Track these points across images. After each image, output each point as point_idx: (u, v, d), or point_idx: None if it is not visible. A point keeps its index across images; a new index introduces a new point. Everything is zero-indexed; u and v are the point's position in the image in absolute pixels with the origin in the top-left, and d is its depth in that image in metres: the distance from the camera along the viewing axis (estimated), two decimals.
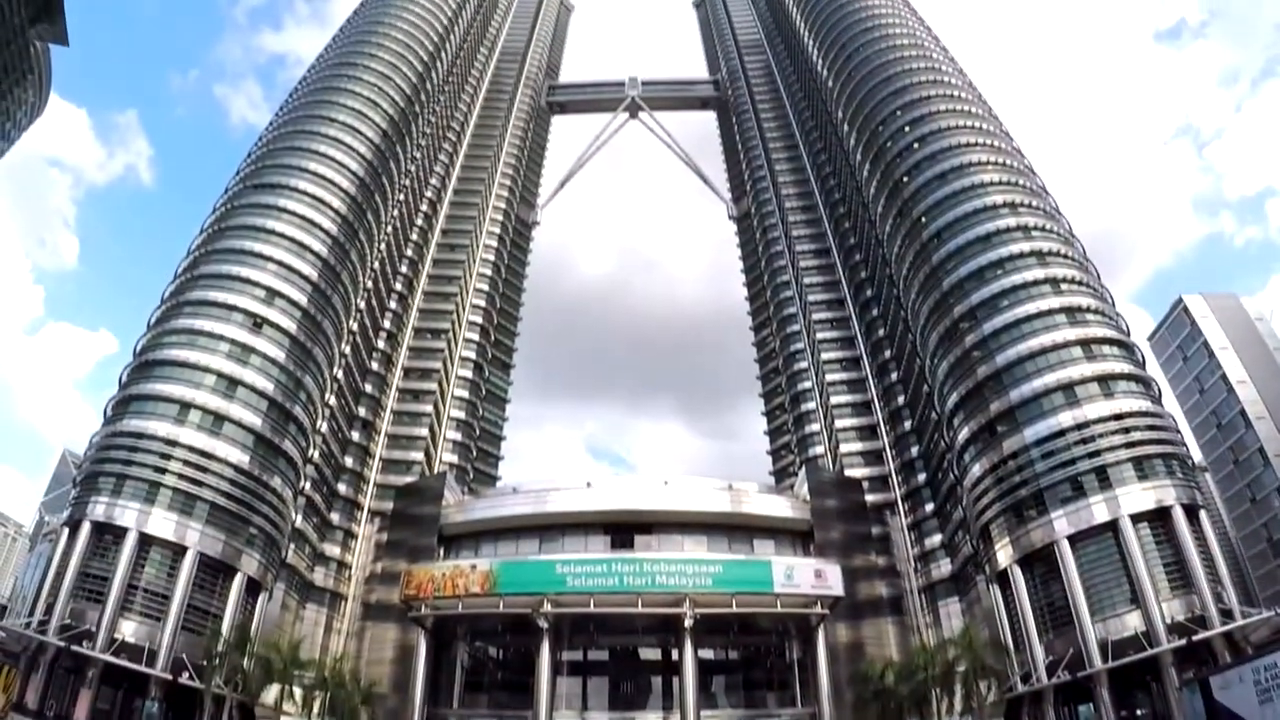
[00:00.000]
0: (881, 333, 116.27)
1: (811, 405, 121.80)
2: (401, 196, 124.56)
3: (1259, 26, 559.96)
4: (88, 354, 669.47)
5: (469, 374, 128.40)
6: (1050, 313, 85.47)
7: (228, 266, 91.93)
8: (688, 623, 78.18)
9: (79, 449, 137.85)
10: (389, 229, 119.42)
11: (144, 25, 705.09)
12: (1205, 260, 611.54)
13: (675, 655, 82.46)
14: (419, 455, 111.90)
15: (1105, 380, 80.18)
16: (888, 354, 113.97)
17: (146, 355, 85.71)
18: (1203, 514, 74.39)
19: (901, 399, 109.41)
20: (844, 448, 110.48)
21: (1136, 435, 76.40)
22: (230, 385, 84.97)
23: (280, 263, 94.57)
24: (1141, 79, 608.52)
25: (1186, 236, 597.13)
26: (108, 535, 74.78)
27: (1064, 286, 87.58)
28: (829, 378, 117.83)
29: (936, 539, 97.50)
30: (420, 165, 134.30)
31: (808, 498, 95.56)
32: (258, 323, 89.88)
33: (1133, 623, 68.88)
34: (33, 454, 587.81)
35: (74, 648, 67.00)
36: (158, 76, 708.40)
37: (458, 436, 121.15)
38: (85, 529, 74.19)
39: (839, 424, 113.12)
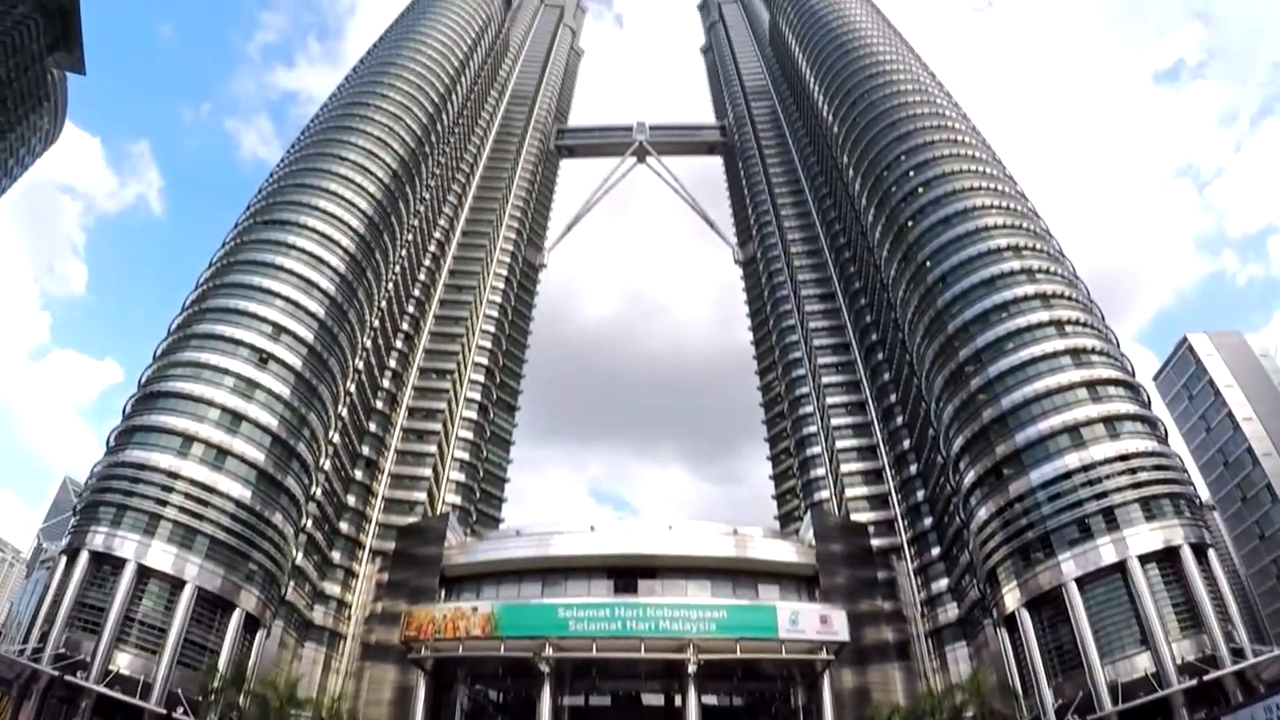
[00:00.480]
0: (887, 376, 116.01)
1: (816, 449, 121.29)
2: (410, 236, 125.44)
3: (1257, 65, 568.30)
4: (92, 382, 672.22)
5: (473, 415, 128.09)
6: (1055, 355, 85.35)
7: (235, 301, 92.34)
8: (691, 668, 77.72)
9: (80, 476, 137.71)
10: (396, 268, 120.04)
11: (159, 57, 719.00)
12: (1208, 298, 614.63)
13: (679, 701, 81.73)
14: (422, 495, 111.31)
15: (1111, 421, 79.82)
16: (893, 398, 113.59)
17: (151, 387, 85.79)
18: (1211, 552, 73.73)
19: (907, 443, 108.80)
20: (849, 492, 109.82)
21: (1143, 475, 75.85)
22: (234, 420, 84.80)
23: (288, 299, 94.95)
24: (1142, 121, 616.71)
25: (1189, 275, 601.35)
26: (106, 565, 74.14)
27: (1068, 328, 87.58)
28: (834, 422, 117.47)
29: (943, 583, 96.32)
30: (429, 205, 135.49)
31: (813, 542, 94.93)
32: (264, 358, 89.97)
33: (1143, 664, 67.88)
34: (33, 479, 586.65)
35: (68, 677, 65.98)
36: (171, 108, 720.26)
37: (461, 477, 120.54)
38: (83, 558, 73.56)
39: (844, 468, 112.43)
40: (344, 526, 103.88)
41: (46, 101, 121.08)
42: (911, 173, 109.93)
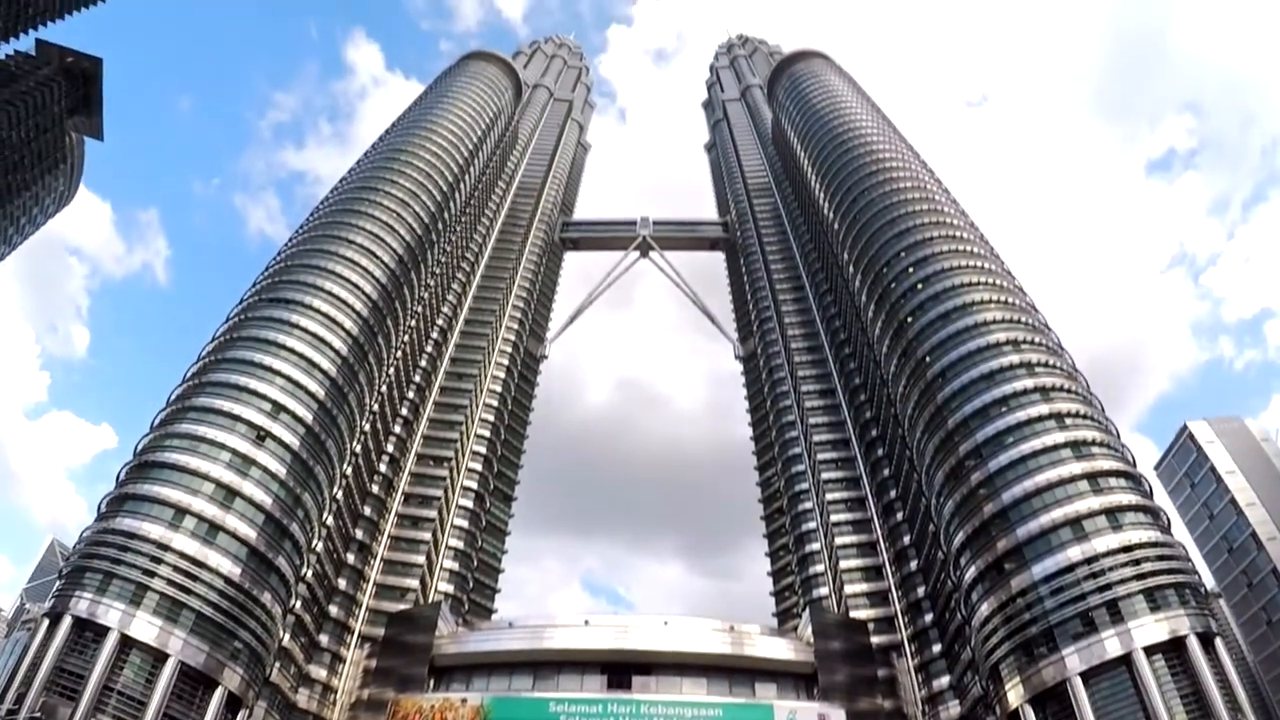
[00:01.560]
0: (887, 472, 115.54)
1: (816, 546, 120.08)
2: (413, 322, 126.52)
3: (1248, 152, 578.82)
4: (87, 446, 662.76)
5: (470, 504, 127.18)
6: (1055, 448, 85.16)
7: (236, 376, 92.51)
8: None
9: (65, 539, 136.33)
10: (399, 354, 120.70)
11: (175, 129, 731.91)
12: (1207, 385, 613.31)
13: None
14: (414, 582, 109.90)
15: (1113, 513, 79.36)
16: (893, 493, 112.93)
17: (146, 456, 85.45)
18: (1218, 641, 72.47)
19: (907, 539, 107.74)
20: (849, 588, 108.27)
21: (1147, 566, 75.15)
22: (228, 495, 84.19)
23: (289, 378, 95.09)
24: (1135, 211, 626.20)
25: (1187, 362, 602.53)
26: (88, 632, 72.83)
27: (1068, 421, 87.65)
28: (834, 518, 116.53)
29: (945, 680, 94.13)
30: (433, 292, 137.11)
31: (811, 639, 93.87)
32: (261, 435, 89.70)
33: None
34: (21, 538, 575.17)
35: None
36: (182, 179, 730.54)
37: (455, 566, 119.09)
38: (66, 623, 72.35)
39: (844, 564, 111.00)
40: (333, 610, 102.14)
41: (63, 163, 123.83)
42: (911, 269, 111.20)
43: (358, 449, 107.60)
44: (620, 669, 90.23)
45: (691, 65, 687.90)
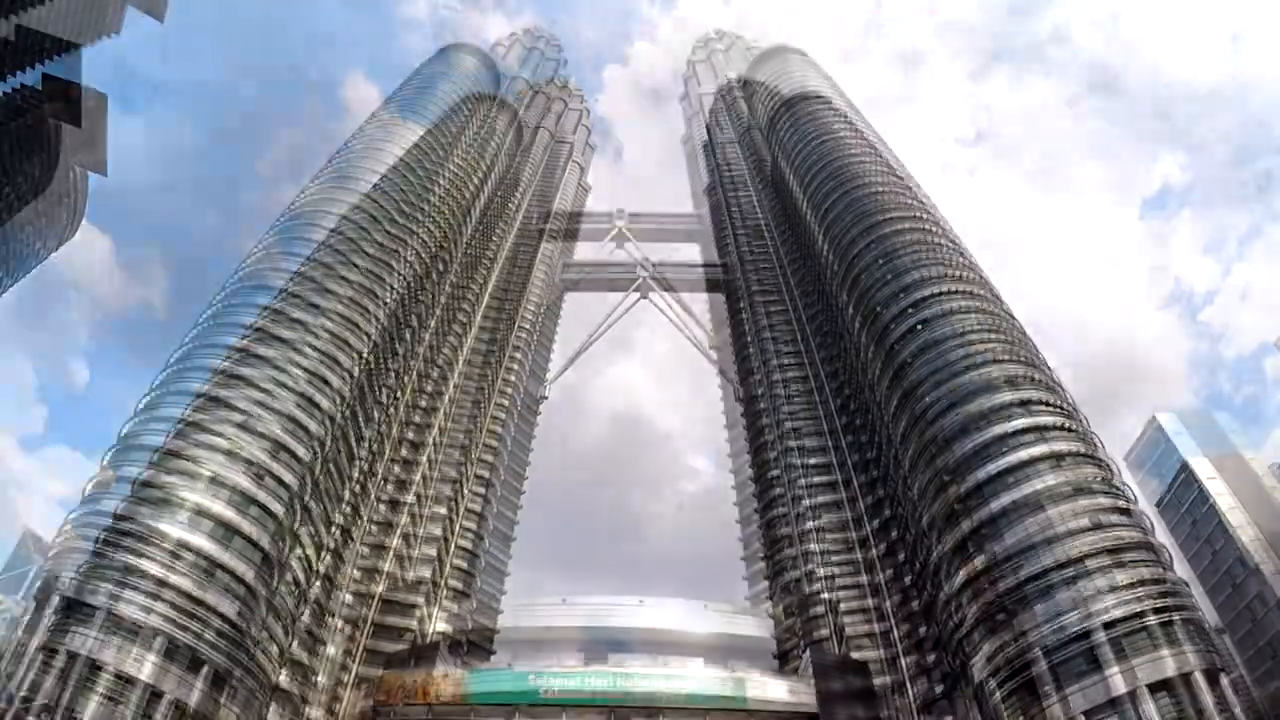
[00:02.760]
0: (888, 513, 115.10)
1: (816, 587, 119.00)
2: (414, 362, 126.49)
3: (1242, 189, 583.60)
4: (82, 479, 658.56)
5: (469, 545, 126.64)
6: (1055, 488, 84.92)
7: (236, 415, 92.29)
8: None
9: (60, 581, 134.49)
10: (399, 394, 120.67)
11: (178, 164, 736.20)
12: (1206, 421, 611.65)
13: None
14: (413, 623, 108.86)
15: (1114, 552, 79.15)
16: (894, 534, 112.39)
17: (145, 492, 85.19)
18: (1224, 677, 72.26)
19: (909, 579, 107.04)
20: (850, 629, 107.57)
21: (1150, 604, 74.78)
22: (227, 533, 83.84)
23: (290, 417, 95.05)
24: (1131, 249, 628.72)
25: (1186, 399, 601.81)
26: (82, 668, 71.79)
27: (1067, 460, 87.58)
28: (835, 559, 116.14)
29: None
30: (434, 333, 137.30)
31: (812, 681, 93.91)
32: (260, 474, 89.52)
33: None
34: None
35: None
36: (183, 215, 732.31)
37: (454, 607, 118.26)
38: (60, 659, 71.76)
39: (845, 605, 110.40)
40: (330, 650, 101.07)
41: (66, 198, 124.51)
42: (910, 310, 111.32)
43: (357, 489, 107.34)
44: (621, 713, 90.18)
45: (689, 105, 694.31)
